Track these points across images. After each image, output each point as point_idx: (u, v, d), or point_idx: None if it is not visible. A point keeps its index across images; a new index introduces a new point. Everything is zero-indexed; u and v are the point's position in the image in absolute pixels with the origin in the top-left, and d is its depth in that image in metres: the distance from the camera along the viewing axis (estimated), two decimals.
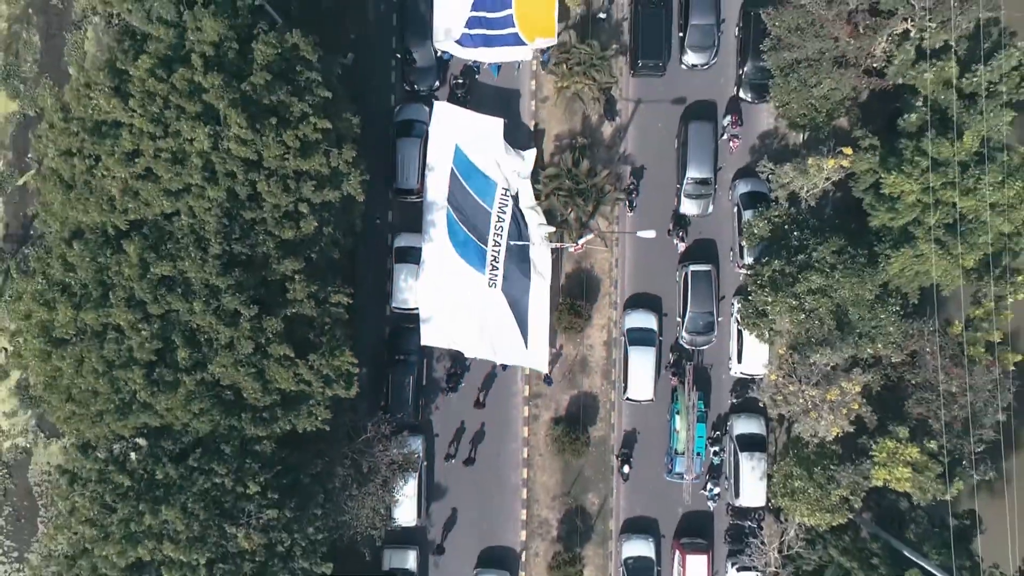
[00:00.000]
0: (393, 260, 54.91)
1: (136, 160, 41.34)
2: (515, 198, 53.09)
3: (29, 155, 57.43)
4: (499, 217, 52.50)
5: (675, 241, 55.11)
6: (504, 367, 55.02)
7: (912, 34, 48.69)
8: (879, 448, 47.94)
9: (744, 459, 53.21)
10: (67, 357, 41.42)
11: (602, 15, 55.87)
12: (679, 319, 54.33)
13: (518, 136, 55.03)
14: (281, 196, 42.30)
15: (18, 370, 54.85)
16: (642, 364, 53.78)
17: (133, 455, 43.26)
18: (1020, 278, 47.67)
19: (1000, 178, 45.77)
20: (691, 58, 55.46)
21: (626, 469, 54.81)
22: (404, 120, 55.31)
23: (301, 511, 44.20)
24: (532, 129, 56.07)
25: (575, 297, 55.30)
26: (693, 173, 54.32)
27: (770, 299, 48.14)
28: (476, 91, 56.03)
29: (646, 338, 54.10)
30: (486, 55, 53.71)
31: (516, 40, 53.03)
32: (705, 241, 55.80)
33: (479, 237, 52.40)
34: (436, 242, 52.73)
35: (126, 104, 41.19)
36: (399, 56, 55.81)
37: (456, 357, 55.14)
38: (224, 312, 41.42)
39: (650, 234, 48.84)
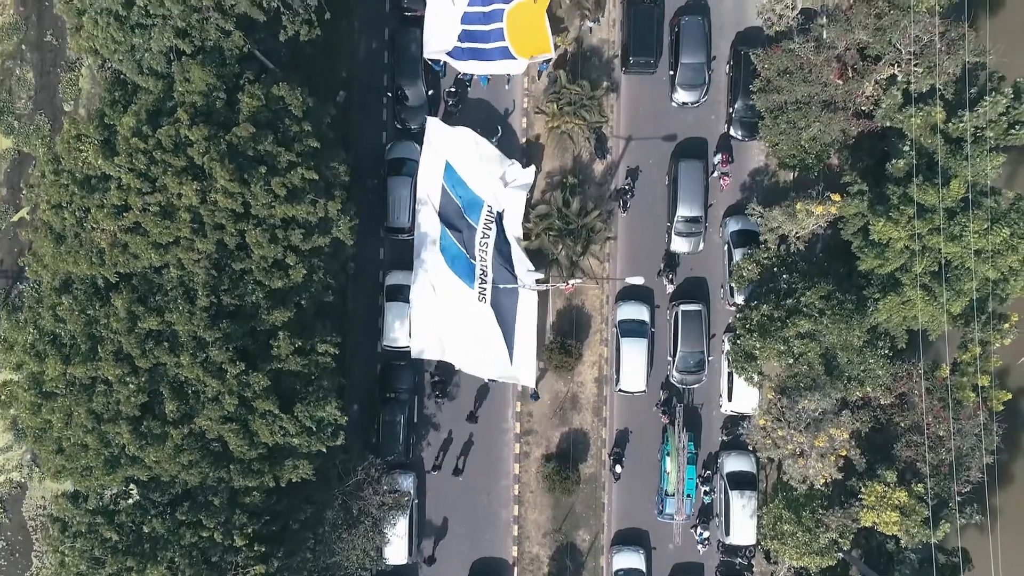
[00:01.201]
0: (384, 298, 55.13)
1: (124, 214, 41.59)
2: (500, 216, 53.09)
3: (23, 191, 57.76)
4: (484, 234, 52.79)
5: (664, 282, 55.24)
6: (492, 381, 55.10)
7: (899, 78, 48.80)
8: (868, 491, 48.12)
9: (735, 497, 53.38)
10: (56, 411, 41.74)
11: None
12: (669, 358, 54.50)
13: (510, 151, 55.07)
14: (269, 247, 42.54)
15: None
16: (634, 356, 53.95)
17: (124, 503, 43.51)
18: (1006, 325, 47.79)
19: (986, 225, 45.84)
20: (681, 96, 55.60)
21: (618, 469, 54.87)
22: (395, 158, 55.56)
23: (290, 558, 44.46)
24: (523, 144, 56.03)
25: (566, 335, 55.50)
26: (684, 211, 54.50)
27: (758, 344, 48.28)
28: (468, 104, 56.24)
29: (638, 330, 54.26)
30: (476, 68, 53.95)
31: (506, 54, 53.22)
32: (696, 279, 55.96)
33: (469, 252, 52.75)
34: (428, 256, 53.04)
35: (114, 159, 41.43)
36: (390, 95, 55.99)
37: (443, 364, 55.12)
38: (211, 365, 41.66)
39: (639, 280, 48.96)
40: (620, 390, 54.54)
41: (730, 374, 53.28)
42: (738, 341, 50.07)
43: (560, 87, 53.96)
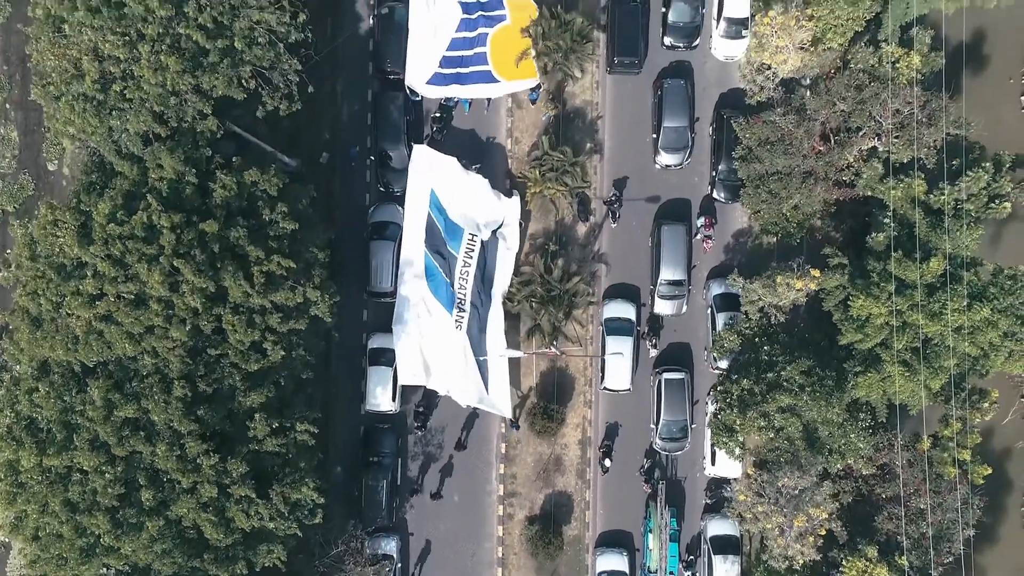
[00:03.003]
0: (367, 361, 55.07)
1: (98, 303, 41.54)
2: (484, 246, 53.17)
3: (8, 251, 57.67)
4: (464, 263, 52.94)
5: (648, 346, 55.20)
6: (473, 408, 54.95)
7: (880, 150, 48.74)
8: (848, 566, 48.06)
9: (718, 562, 53.27)
10: (32, 501, 41.71)
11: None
12: (652, 426, 54.44)
13: (495, 180, 54.85)
14: (246, 332, 42.49)
15: None
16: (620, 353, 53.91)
17: None
18: (986, 404, 47.75)
19: (966, 302, 45.81)
20: (665, 158, 55.52)
21: (607, 463, 54.71)
22: (378, 222, 55.49)
23: None
24: (508, 167, 55.90)
25: (548, 399, 55.44)
26: (667, 275, 54.44)
27: (738, 420, 48.24)
28: (453, 131, 56.14)
29: (624, 328, 54.21)
30: (458, 92, 53.94)
31: (489, 78, 53.29)
32: (679, 344, 55.91)
33: (449, 279, 52.93)
34: (412, 282, 53.13)
35: (90, 247, 41.39)
36: (373, 158, 55.95)
37: (426, 395, 55.21)
38: (187, 456, 41.61)
39: (620, 355, 48.93)
40: (605, 388, 54.59)
41: None
42: (719, 415, 50.01)
43: (543, 153, 53.87)
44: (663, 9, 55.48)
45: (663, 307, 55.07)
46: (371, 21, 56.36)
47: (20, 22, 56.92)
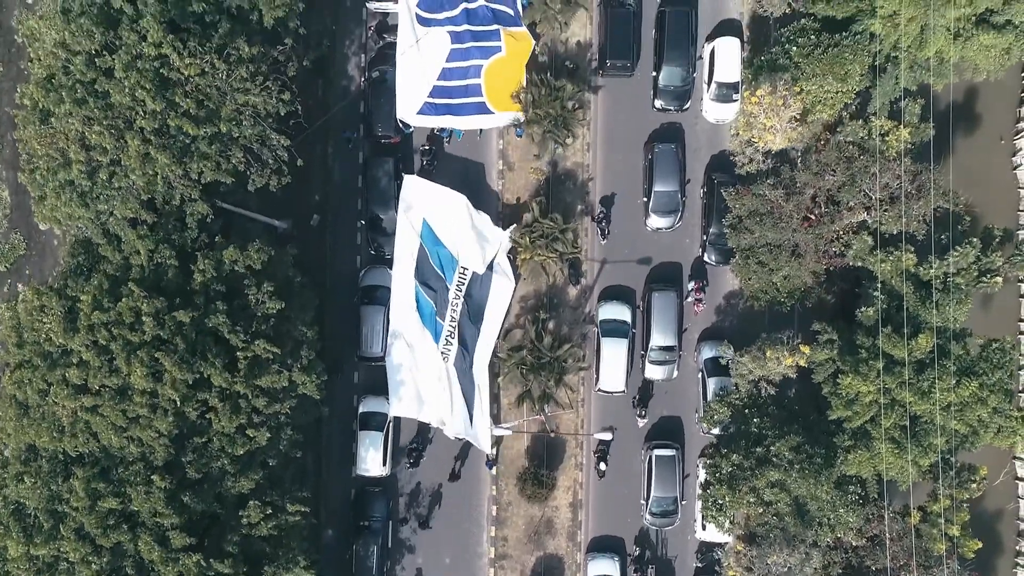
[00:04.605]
0: (358, 425, 55.07)
1: (82, 395, 41.58)
2: (476, 279, 53.15)
3: None
4: (456, 294, 52.99)
5: (636, 416, 55.17)
6: (460, 439, 54.75)
7: (869, 223, 48.68)
8: None
9: None
10: None
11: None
12: (643, 501, 54.40)
13: (487, 209, 54.74)
14: (230, 419, 42.45)
15: None
16: (615, 356, 53.96)
17: None
18: (974, 484, 47.71)
19: (956, 380, 45.76)
20: (655, 221, 55.47)
21: (602, 466, 54.64)
22: (369, 286, 55.47)
23: None
24: (499, 199, 55.88)
25: (539, 464, 55.40)
26: (657, 340, 54.39)
27: (728, 497, 48.19)
28: (443, 160, 56.12)
29: (619, 329, 54.28)
30: (451, 122, 53.90)
31: (483, 109, 53.26)
32: (670, 418, 55.86)
33: (439, 311, 53.02)
34: (402, 314, 53.14)
35: (75, 335, 41.41)
36: (364, 222, 55.94)
37: (420, 430, 55.37)
38: (172, 547, 41.59)
39: (607, 436, 48.96)
40: (600, 390, 54.60)
41: None
42: (708, 489, 49.97)
43: (533, 220, 53.80)
44: (653, 73, 55.45)
45: (654, 372, 55.01)
46: (362, 84, 56.30)
47: (11, 80, 57.25)
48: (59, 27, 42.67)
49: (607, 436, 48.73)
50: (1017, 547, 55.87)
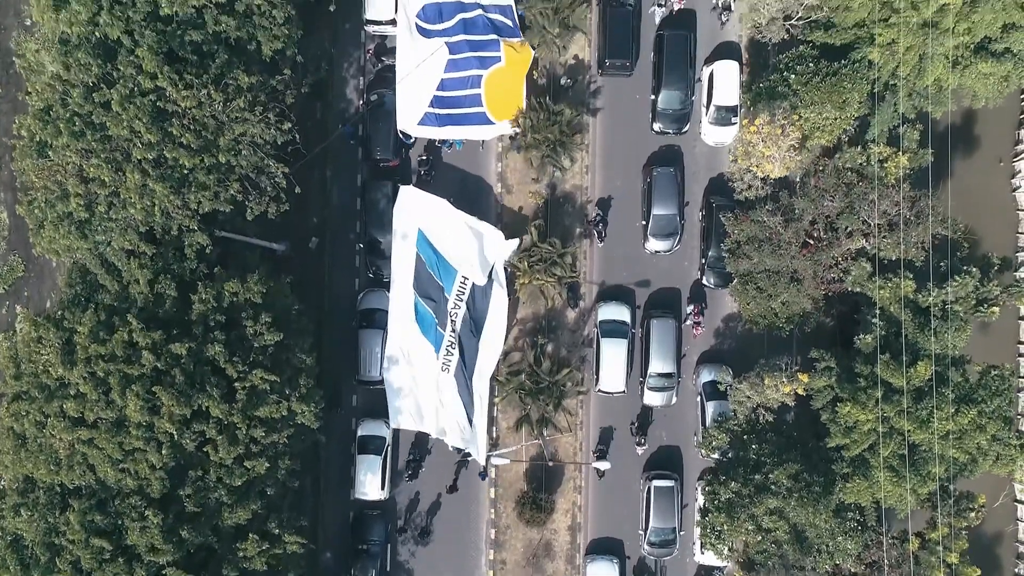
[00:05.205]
0: (356, 448, 55.05)
1: (79, 428, 41.58)
2: (476, 289, 53.00)
3: None
4: (455, 304, 52.89)
5: (635, 444, 55.13)
6: (457, 451, 54.90)
7: (868, 249, 48.65)
8: None
9: None
10: None
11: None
12: (641, 532, 54.34)
13: (486, 220, 54.54)
14: (228, 450, 42.43)
15: None
16: (614, 356, 53.90)
17: None
18: (972, 513, 47.69)
19: (954, 408, 45.74)
20: (654, 244, 55.44)
21: (602, 466, 54.29)
22: (367, 309, 55.44)
23: None
24: (499, 222, 55.59)
25: (537, 487, 55.37)
26: (656, 367, 54.31)
27: (726, 525, 48.17)
28: (441, 171, 56.03)
29: (619, 330, 54.24)
30: (452, 133, 53.88)
31: (483, 119, 53.26)
32: (668, 448, 55.82)
33: (440, 322, 52.95)
34: (401, 327, 53.09)
35: (73, 367, 41.40)
36: (362, 245, 55.93)
37: (417, 442, 55.31)
38: None
39: (605, 465, 48.97)
40: (600, 391, 54.54)
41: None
42: (707, 518, 49.95)
43: (531, 244, 53.76)
44: (652, 96, 55.43)
45: (653, 399, 54.94)
46: (361, 108, 56.27)
47: (9, 102, 57.25)
48: (57, 58, 42.64)
49: (605, 466, 48.69)
50: (1016, 570, 55.84)
